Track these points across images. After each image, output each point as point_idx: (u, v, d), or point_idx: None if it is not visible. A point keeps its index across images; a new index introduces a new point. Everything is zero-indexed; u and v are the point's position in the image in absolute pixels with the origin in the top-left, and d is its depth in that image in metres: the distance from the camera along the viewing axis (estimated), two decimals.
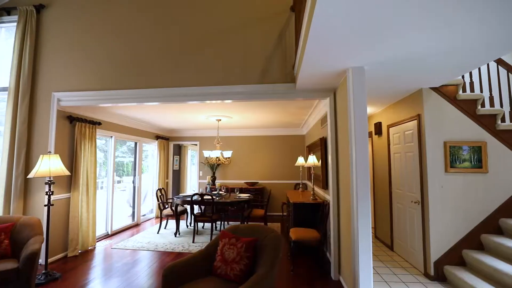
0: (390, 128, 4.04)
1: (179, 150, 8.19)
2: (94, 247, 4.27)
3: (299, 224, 4.00)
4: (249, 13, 3.43)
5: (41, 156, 3.07)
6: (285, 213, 6.54)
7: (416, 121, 3.27)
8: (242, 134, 7.12)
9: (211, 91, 3.46)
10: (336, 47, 2.00)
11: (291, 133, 7.01)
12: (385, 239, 4.22)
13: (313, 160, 4.08)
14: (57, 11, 3.89)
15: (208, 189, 5.31)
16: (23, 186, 3.58)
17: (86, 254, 3.96)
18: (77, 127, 3.98)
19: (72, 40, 3.79)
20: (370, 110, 4.32)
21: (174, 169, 7.69)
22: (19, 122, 3.60)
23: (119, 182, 6.27)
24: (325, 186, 3.92)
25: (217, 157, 5.19)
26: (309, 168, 5.58)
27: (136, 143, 5.89)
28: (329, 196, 3.41)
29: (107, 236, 4.91)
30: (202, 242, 4.50)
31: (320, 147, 4.15)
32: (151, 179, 6.74)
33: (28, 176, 3.05)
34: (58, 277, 3.14)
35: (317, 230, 3.62)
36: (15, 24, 3.94)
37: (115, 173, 5.10)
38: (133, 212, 5.90)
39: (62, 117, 3.83)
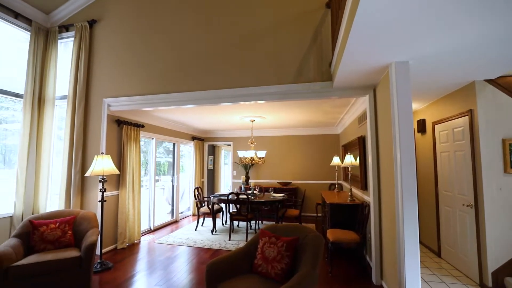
0: (435, 125, 3.76)
1: (213, 150, 8.46)
2: (139, 241, 4.59)
3: (335, 225, 3.90)
4: (283, 13, 3.43)
5: (95, 156, 3.39)
6: (319, 214, 6.42)
7: (467, 117, 3.00)
8: (275, 134, 7.14)
9: (245, 92, 3.53)
10: (379, 41, 1.92)
11: (325, 132, 6.85)
12: (430, 244, 3.93)
13: (350, 160, 3.95)
14: (105, 25, 4.26)
15: (242, 189, 5.41)
16: (80, 183, 3.99)
17: (133, 247, 4.28)
18: (124, 130, 4.32)
19: (119, 50, 4.13)
20: (412, 106, 4.06)
21: (209, 168, 7.96)
22: (76, 126, 4.02)
23: (157, 181, 6.68)
24: (364, 187, 3.78)
25: (251, 157, 5.27)
26: (345, 168, 5.41)
27: (174, 144, 6.22)
28: (369, 198, 3.28)
29: (150, 231, 5.26)
30: (238, 240, 4.60)
31: (357, 146, 4.01)
32: (187, 178, 7.07)
33: (85, 175, 3.39)
34: (111, 266, 3.44)
35: (355, 232, 3.50)
36: (72, 39, 4.40)
37: (151, 173, 5.43)
38: (172, 210, 6.23)
39: (112, 120, 4.19)
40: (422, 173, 4.14)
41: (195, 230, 5.25)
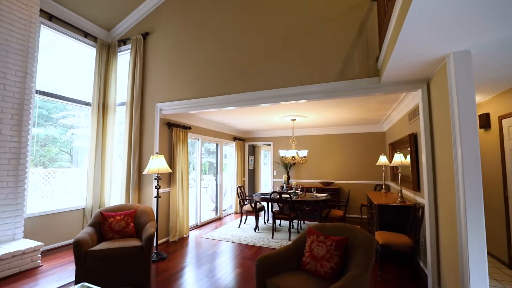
0: (502, 120, 3.35)
1: (253, 150, 8.63)
2: (188, 235, 4.91)
3: (384, 228, 3.71)
4: (326, 10, 3.38)
5: (151, 156, 3.74)
6: (364, 216, 6.14)
7: None
8: (316, 133, 7.02)
9: (287, 92, 3.56)
10: (437, 30, 1.79)
11: (369, 130, 6.53)
12: (498, 254, 3.51)
13: (400, 159, 3.72)
14: (156, 36, 4.66)
15: (284, 188, 5.45)
16: (138, 180, 4.42)
17: (182, 241, 4.60)
18: (174, 132, 4.67)
19: (168, 58, 4.48)
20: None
21: (249, 168, 8.14)
22: (133, 129, 4.47)
23: (194, 180, 7.04)
24: (416, 188, 3.53)
25: (292, 157, 5.28)
26: (393, 168, 5.10)
27: (217, 144, 6.51)
28: (422, 199, 3.06)
29: (197, 226, 5.58)
30: (281, 239, 4.65)
31: (408, 144, 3.76)
32: (229, 177, 7.33)
33: (143, 173, 3.76)
34: (165, 257, 3.75)
35: (407, 235, 3.29)
36: (128, 51, 4.90)
37: (194, 172, 5.75)
38: (216, 207, 6.52)
39: (163, 123, 4.56)
40: (486, 173, 3.71)
41: (239, 227, 5.43)
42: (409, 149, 3.75)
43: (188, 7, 4.41)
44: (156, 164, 3.64)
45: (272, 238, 4.68)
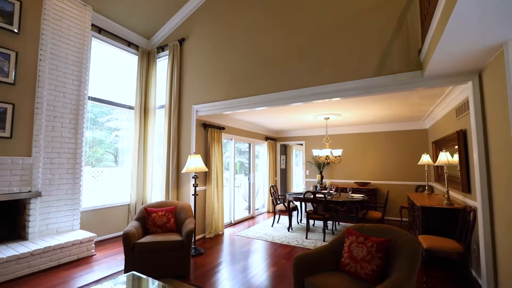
0: None
1: (285, 150, 8.60)
2: (223, 233, 5.06)
3: (427, 232, 3.47)
4: (360, 3, 3.27)
5: (189, 155, 3.93)
6: (404, 218, 5.79)
7: None
8: (351, 132, 6.78)
9: (320, 90, 3.50)
10: (493, 15, 1.64)
11: (410, 128, 6.13)
12: None
13: (446, 157, 3.45)
14: (192, 41, 4.88)
15: (318, 188, 5.35)
16: (176, 179, 4.67)
17: (218, 238, 4.75)
18: (209, 132, 4.85)
19: (203, 61, 4.67)
20: None
21: (281, 168, 8.13)
22: (172, 130, 4.73)
23: (227, 179, 7.19)
24: (466, 189, 3.24)
25: (326, 156, 5.16)
26: (438, 167, 4.74)
27: (249, 144, 6.61)
28: (474, 202, 2.81)
29: (231, 224, 5.72)
30: (315, 239, 4.58)
31: (456, 142, 3.46)
32: (261, 177, 7.39)
33: (182, 172, 3.97)
34: (203, 252, 3.91)
35: (456, 240, 3.04)
36: (166, 57, 5.20)
37: (227, 171, 5.89)
38: (249, 206, 6.62)
39: (199, 124, 4.76)
40: None
41: (272, 226, 5.46)
42: (456, 147, 3.46)
43: (220, 11, 4.55)
44: (194, 163, 3.82)
45: (306, 238, 4.63)
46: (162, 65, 5.38)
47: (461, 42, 2.02)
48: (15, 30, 3.41)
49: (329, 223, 5.63)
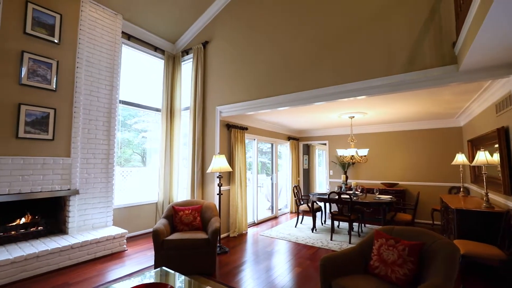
0: None
1: (307, 150, 8.49)
2: (246, 232, 5.11)
3: (464, 236, 3.25)
4: None
5: (214, 156, 4.02)
6: (436, 222, 5.47)
7: None
8: (377, 130, 6.53)
9: (345, 89, 3.42)
10: None
11: (442, 126, 5.78)
12: None
13: (485, 157, 3.21)
14: (215, 44, 4.98)
15: (343, 188, 5.23)
16: (201, 178, 4.79)
17: (241, 237, 4.80)
18: (232, 133, 4.92)
19: (226, 63, 4.74)
20: None
21: (304, 168, 8.04)
22: (197, 131, 4.86)
23: (250, 179, 7.23)
24: (508, 191, 3.00)
25: (351, 156, 5.03)
26: (474, 168, 4.43)
27: (272, 144, 6.61)
28: None
29: (254, 224, 5.76)
30: (340, 241, 4.47)
31: (496, 140, 3.22)
32: (283, 177, 7.36)
33: (207, 171, 4.07)
34: (227, 251, 3.98)
35: (498, 247, 2.82)
36: (191, 60, 5.36)
37: (249, 171, 5.91)
38: (272, 206, 6.62)
39: (223, 125, 4.85)
40: None
41: (295, 227, 5.42)
42: (497, 145, 3.21)
43: (242, 13, 4.60)
44: (218, 163, 3.89)
45: (331, 239, 4.53)
46: (187, 68, 5.55)
47: (503, 33, 1.88)
48: (56, 41, 3.70)
49: (355, 224, 5.47)
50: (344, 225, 5.57)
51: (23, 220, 3.58)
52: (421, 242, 1.93)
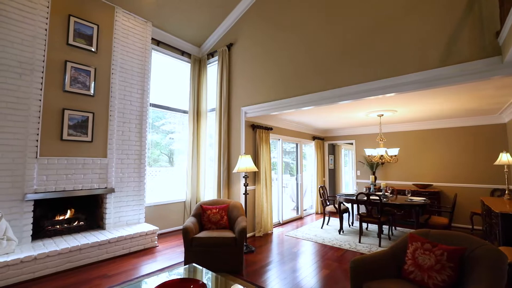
0: None
1: (333, 150, 8.30)
2: (272, 232, 5.11)
3: (510, 243, 2.98)
4: None
5: (240, 156, 4.08)
6: (477, 226, 5.08)
7: None
8: (408, 129, 6.20)
9: (372, 86, 3.30)
10: None
11: (482, 123, 5.35)
12: None
13: None
14: (239, 45, 5.05)
15: (371, 189, 5.04)
16: (227, 178, 4.88)
17: (267, 237, 4.82)
18: (257, 133, 4.95)
19: (251, 64, 4.79)
20: None
21: (329, 168, 7.87)
22: (222, 132, 4.96)
23: (276, 180, 7.20)
24: None
25: (380, 156, 4.83)
26: None
27: (297, 144, 6.55)
28: None
29: (279, 224, 5.75)
30: (369, 243, 4.32)
31: None
32: (309, 177, 7.26)
33: (233, 171, 4.14)
34: (254, 250, 4.02)
35: None
36: (216, 62, 5.48)
37: (274, 171, 5.89)
38: (297, 207, 6.57)
39: (248, 125, 4.90)
40: None
41: (321, 228, 5.32)
42: None
43: (267, 13, 4.62)
44: (244, 163, 3.94)
45: (359, 242, 4.39)
46: (212, 70, 5.68)
47: None
48: (93, 50, 3.98)
49: (385, 227, 5.25)
50: (373, 227, 5.37)
51: (67, 215, 3.90)
52: (462, 247, 1.81)
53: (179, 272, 2.29)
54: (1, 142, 3.17)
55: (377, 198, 4.33)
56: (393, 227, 5.23)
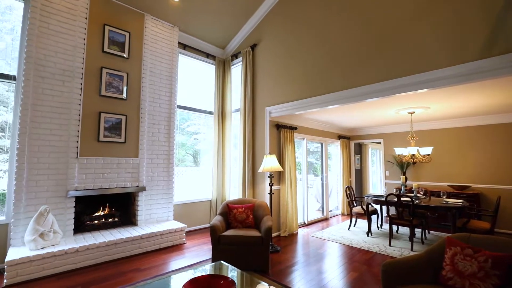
0: None
1: (359, 149, 8.04)
2: (297, 232, 5.07)
3: None
4: None
5: (265, 156, 4.09)
6: None
7: None
8: (443, 126, 5.82)
9: (401, 82, 3.14)
10: None
11: None
12: None
13: None
14: (263, 45, 5.06)
15: (402, 190, 4.81)
16: (252, 178, 4.92)
17: (292, 237, 4.78)
18: (282, 133, 4.94)
19: (275, 64, 4.78)
20: None
21: (356, 168, 7.63)
22: (247, 132, 5.01)
23: (300, 180, 7.11)
24: None
25: (412, 155, 4.59)
26: None
27: (322, 144, 6.43)
28: None
29: (304, 225, 5.68)
30: (401, 247, 4.12)
31: None
32: (334, 177, 7.09)
33: (258, 171, 4.17)
34: (279, 250, 4.01)
35: None
36: (240, 63, 5.55)
37: (298, 171, 5.81)
38: (322, 207, 6.44)
39: (272, 125, 4.90)
40: None
41: (348, 229, 5.18)
42: None
43: (291, 13, 4.58)
44: (269, 163, 3.95)
45: (390, 245, 4.21)
46: (236, 71, 5.76)
47: None
48: (125, 56, 4.21)
49: (417, 230, 4.98)
50: (403, 230, 5.12)
51: (103, 211, 4.17)
52: (509, 254, 1.67)
53: (205, 269, 2.36)
54: (48, 143, 3.47)
55: (409, 199, 4.12)
56: (426, 231, 4.94)
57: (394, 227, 5.24)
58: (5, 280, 2.81)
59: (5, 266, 2.80)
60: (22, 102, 3.30)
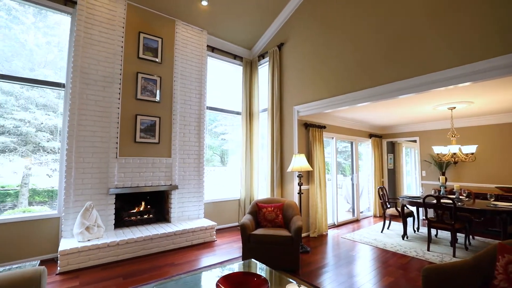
0: None
1: (392, 148, 7.65)
2: (327, 233, 4.96)
3: None
4: None
5: (294, 155, 4.07)
6: None
7: None
8: (488, 123, 5.33)
9: (439, 77, 2.95)
10: None
11: None
12: None
13: None
14: (290, 44, 5.03)
15: (442, 192, 4.49)
16: (280, 177, 4.92)
17: (322, 238, 4.69)
18: (310, 132, 4.87)
19: (302, 62, 4.73)
20: None
21: (388, 168, 7.27)
22: (275, 131, 5.01)
23: (329, 180, 6.91)
24: None
25: (453, 154, 4.27)
26: None
27: (352, 143, 6.23)
28: None
29: (334, 226, 5.54)
30: (441, 253, 3.86)
31: None
32: (365, 177, 6.83)
33: (287, 170, 4.15)
34: (309, 250, 3.96)
35: None
36: (267, 63, 5.57)
37: (327, 171, 5.65)
38: (353, 208, 6.24)
39: (300, 124, 4.85)
40: None
41: (381, 232, 4.96)
42: None
43: (317, 11, 4.50)
44: (298, 162, 3.92)
45: (428, 250, 3.96)
46: (263, 71, 5.78)
47: None
48: (158, 61, 4.43)
49: (459, 235, 4.62)
50: (443, 234, 4.78)
51: (140, 208, 4.43)
52: None
53: (236, 267, 2.39)
54: (92, 144, 3.77)
55: (450, 201, 3.84)
56: (471, 236, 4.57)
57: (433, 231, 4.91)
58: (58, 268, 3.11)
59: (58, 255, 3.09)
60: (70, 107, 3.62)
